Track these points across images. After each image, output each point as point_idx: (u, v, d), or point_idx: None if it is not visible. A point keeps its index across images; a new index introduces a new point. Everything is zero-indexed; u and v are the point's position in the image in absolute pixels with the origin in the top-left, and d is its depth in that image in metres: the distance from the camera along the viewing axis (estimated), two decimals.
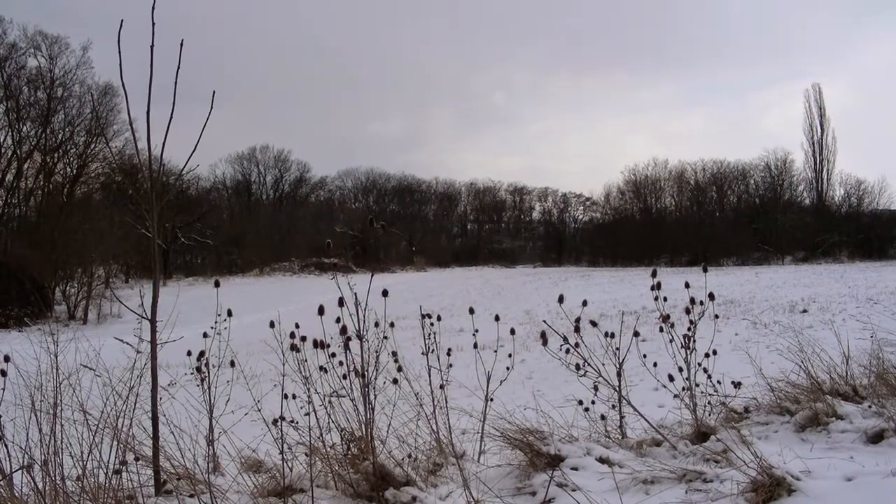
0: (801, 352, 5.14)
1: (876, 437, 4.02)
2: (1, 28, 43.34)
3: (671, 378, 4.71)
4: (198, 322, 5.21)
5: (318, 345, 4.14)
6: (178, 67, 3.75)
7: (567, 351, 4.43)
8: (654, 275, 4.64)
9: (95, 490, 3.36)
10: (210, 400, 4.62)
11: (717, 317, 4.87)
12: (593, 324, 4.64)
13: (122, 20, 3.67)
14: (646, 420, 4.67)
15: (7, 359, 3.70)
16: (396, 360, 4.62)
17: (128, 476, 3.61)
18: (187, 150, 4.01)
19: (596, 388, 4.78)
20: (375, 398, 4.13)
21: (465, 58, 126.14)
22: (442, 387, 4.74)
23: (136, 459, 3.72)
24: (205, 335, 4.70)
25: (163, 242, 49.94)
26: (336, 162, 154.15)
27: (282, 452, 3.82)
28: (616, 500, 3.32)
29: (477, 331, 4.90)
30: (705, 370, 4.83)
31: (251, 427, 4.47)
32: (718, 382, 5.08)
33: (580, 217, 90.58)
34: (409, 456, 4.14)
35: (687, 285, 4.72)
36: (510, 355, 4.97)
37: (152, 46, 3.69)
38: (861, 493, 3.19)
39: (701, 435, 4.46)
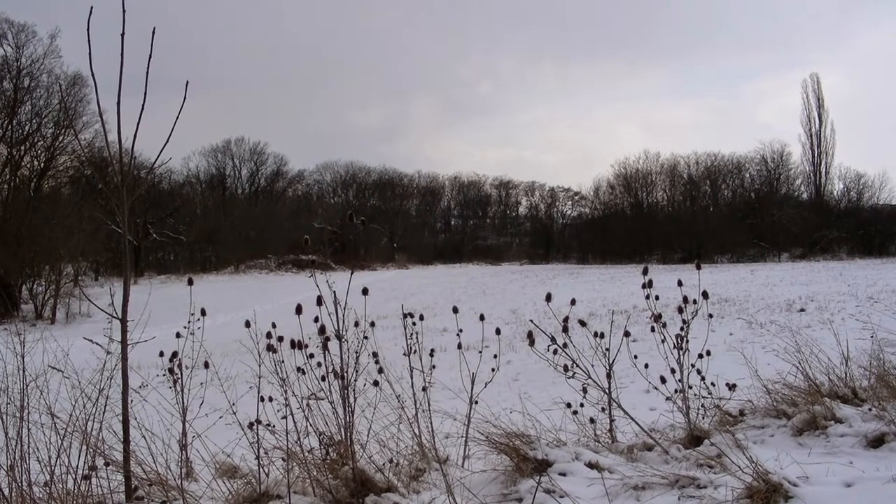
0: (798, 352, 5.14)
1: (876, 442, 4.01)
2: None
3: (663, 380, 4.66)
4: (170, 322, 5.14)
5: (296, 345, 4.08)
6: (150, 56, 3.68)
7: (555, 352, 4.39)
8: (645, 272, 4.59)
9: (64, 496, 3.37)
10: (183, 402, 4.61)
11: (711, 316, 4.81)
12: (582, 323, 4.60)
13: (91, 7, 3.61)
14: (637, 423, 4.62)
15: None
16: (377, 362, 4.57)
17: (97, 482, 3.59)
18: (159, 142, 3.96)
19: (585, 391, 4.75)
20: (355, 401, 4.11)
21: (448, 45, 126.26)
22: (425, 389, 4.69)
23: (106, 464, 3.68)
24: (178, 335, 4.64)
25: (134, 239, 49.44)
26: (314, 155, 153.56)
27: (258, 457, 3.79)
28: None
29: (461, 331, 4.84)
30: (699, 371, 4.78)
31: (226, 431, 4.46)
32: (712, 384, 5.03)
33: (568, 212, 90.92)
34: (391, 461, 4.10)
35: (679, 283, 4.68)
36: (496, 356, 4.96)
37: (123, 34, 3.63)
38: (861, 499, 3.16)
39: (694, 439, 4.43)
